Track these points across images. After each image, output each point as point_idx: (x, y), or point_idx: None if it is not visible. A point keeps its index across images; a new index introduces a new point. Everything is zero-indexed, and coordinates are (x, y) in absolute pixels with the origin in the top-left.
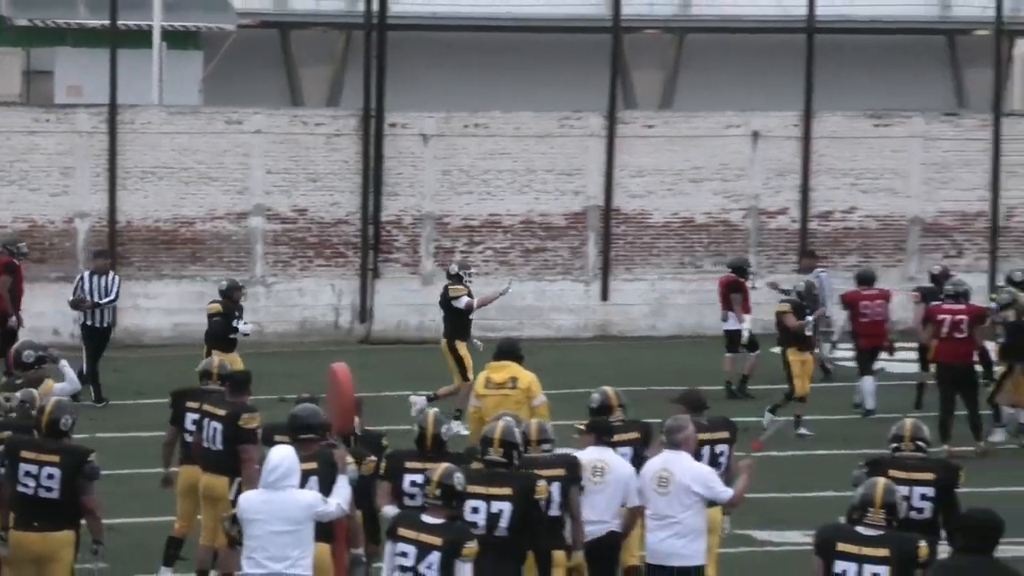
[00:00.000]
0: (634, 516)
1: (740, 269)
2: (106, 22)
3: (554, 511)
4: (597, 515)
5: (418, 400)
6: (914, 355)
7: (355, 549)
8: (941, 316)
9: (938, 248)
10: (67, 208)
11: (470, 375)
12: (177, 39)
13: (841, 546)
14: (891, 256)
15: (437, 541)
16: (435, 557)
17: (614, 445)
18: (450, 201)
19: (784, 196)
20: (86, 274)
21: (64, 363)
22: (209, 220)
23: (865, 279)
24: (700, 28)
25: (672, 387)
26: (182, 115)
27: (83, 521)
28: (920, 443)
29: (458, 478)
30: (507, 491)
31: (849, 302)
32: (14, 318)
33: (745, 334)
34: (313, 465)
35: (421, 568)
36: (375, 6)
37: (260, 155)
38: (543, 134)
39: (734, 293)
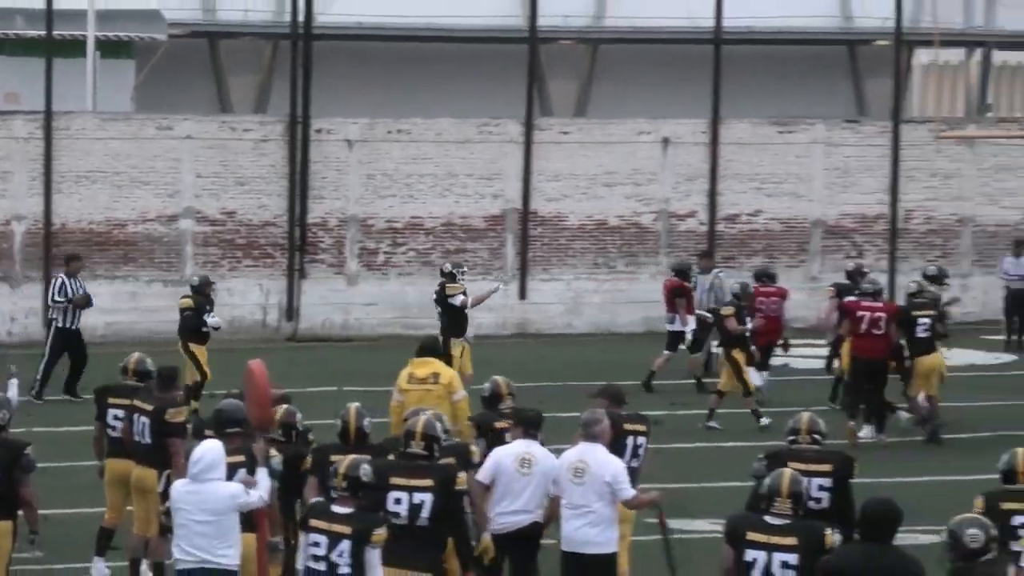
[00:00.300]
0: (554, 505)
1: (684, 273)
2: (42, 32)
3: None
4: (522, 505)
5: None
6: (814, 351)
7: (273, 537)
8: (860, 313)
9: (839, 249)
10: (4, 211)
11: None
12: (110, 49)
13: (751, 535)
14: (795, 257)
15: (346, 530)
16: (345, 545)
17: (499, 432)
18: (374, 204)
19: (693, 200)
20: (64, 277)
21: (14, 381)
22: (141, 222)
23: (762, 277)
24: (613, 39)
25: (588, 382)
26: (115, 121)
27: (20, 512)
28: (816, 436)
29: (364, 469)
30: (428, 482)
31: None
32: None
33: (688, 335)
34: (241, 458)
35: (333, 556)
36: (301, 17)
37: (190, 160)
38: (463, 140)
39: (679, 297)
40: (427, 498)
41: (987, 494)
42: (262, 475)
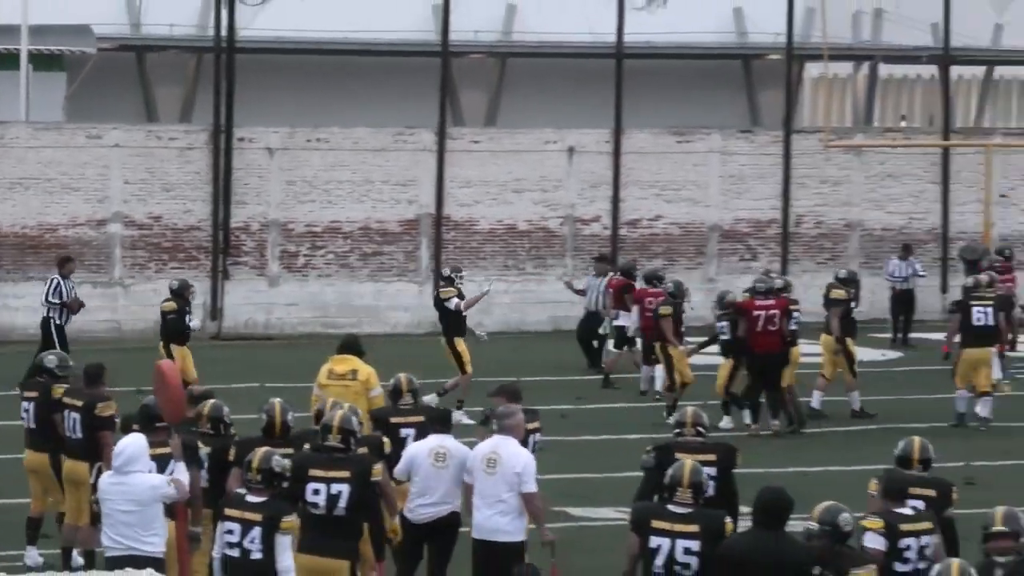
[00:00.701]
0: (468, 493)
1: (629, 272)
2: None
3: None
4: (439, 497)
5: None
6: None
7: (195, 527)
8: (756, 312)
9: (735, 252)
10: None
11: (468, 368)
12: (42, 62)
13: (655, 523)
14: (693, 260)
15: (257, 517)
16: (256, 532)
17: (398, 426)
18: (294, 209)
19: (597, 205)
20: (59, 278)
21: None
22: (72, 227)
23: (651, 279)
24: (521, 53)
25: (499, 378)
26: (47, 131)
27: None
28: (700, 428)
29: (276, 461)
30: (346, 474)
31: (636, 299)
32: None
33: (631, 331)
34: (167, 450)
35: (245, 543)
36: (224, 31)
37: (118, 167)
38: (379, 148)
39: (626, 294)
40: (344, 489)
41: (884, 476)
42: (180, 469)
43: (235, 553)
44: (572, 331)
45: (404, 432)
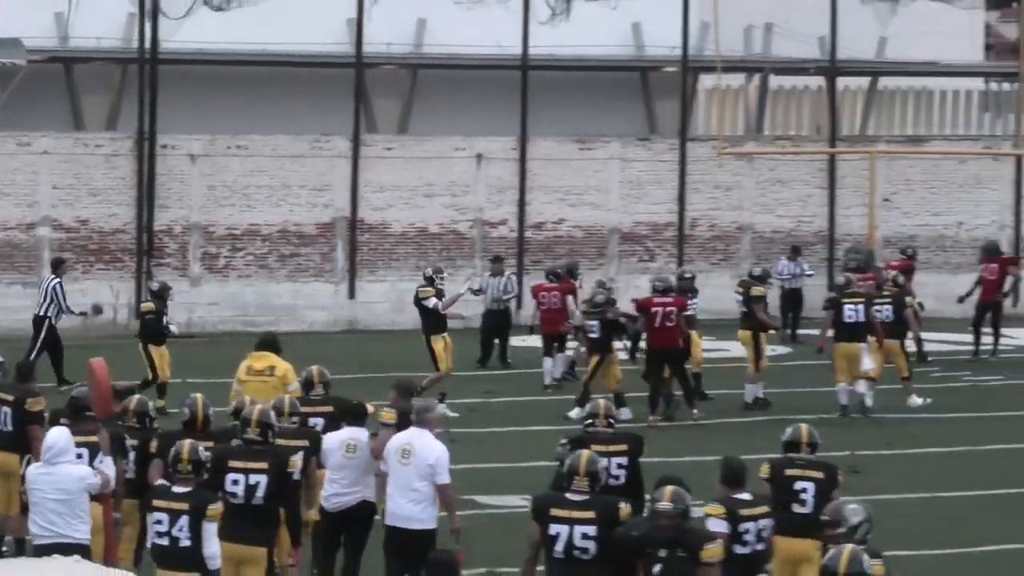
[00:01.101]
0: (382, 482)
1: (571, 273)
2: None
3: (297, 476)
4: (348, 485)
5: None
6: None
7: (116, 513)
8: (655, 309)
9: (634, 254)
10: None
11: (442, 365)
12: None
13: (554, 511)
14: (594, 260)
15: (184, 506)
16: (184, 520)
17: (307, 416)
18: (215, 213)
19: (504, 209)
20: (59, 279)
21: None
22: (2, 230)
23: (549, 275)
24: (431, 65)
25: (411, 373)
26: None
27: None
28: (610, 420)
29: (202, 452)
30: (263, 465)
31: (533, 294)
32: None
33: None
34: (93, 439)
35: (174, 531)
36: (148, 43)
37: (47, 173)
38: (296, 154)
39: (569, 294)
40: (262, 479)
41: (772, 461)
42: (107, 462)
43: (164, 542)
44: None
45: (313, 421)
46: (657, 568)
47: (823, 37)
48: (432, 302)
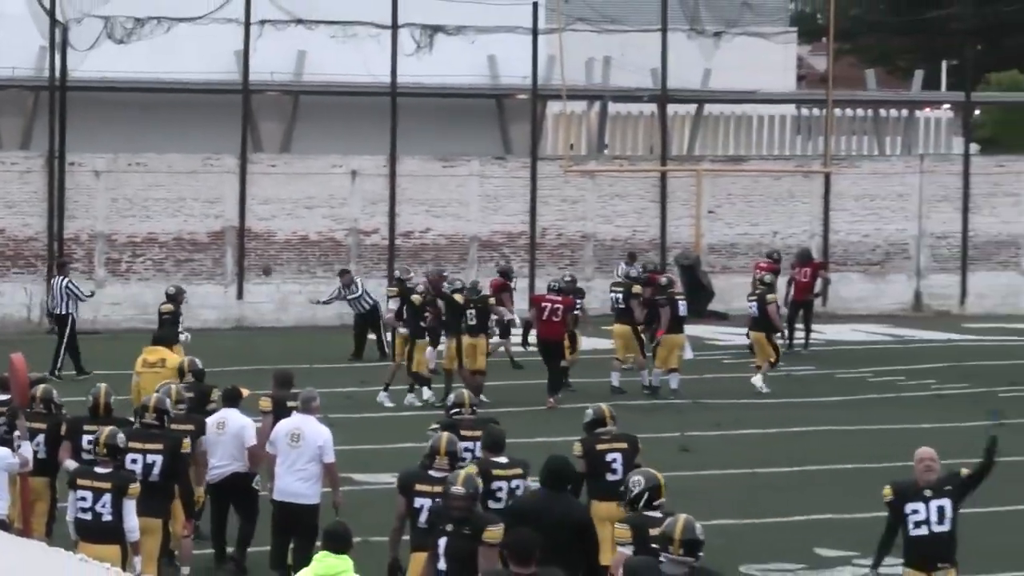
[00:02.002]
0: (257, 458)
1: (506, 274)
2: None
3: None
4: (218, 460)
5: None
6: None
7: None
8: (544, 304)
9: (491, 259)
10: None
11: (397, 358)
12: None
13: (418, 486)
14: (457, 265)
15: (107, 486)
16: (107, 498)
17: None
18: (117, 223)
19: (376, 219)
20: (69, 279)
21: None
22: None
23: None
24: (310, 91)
25: (294, 365)
26: None
27: None
28: (474, 408)
29: (120, 437)
30: (159, 446)
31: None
32: None
33: (518, 323)
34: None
35: (97, 508)
36: (58, 72)
37: None
38: (190, 171)
39: (503, 292)
40: (158, 459)
41: (582, 440)
42: (25, 446)
43: (87, 516)
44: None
45: (180, 407)
46: (443, 540)
47: (655, 69)
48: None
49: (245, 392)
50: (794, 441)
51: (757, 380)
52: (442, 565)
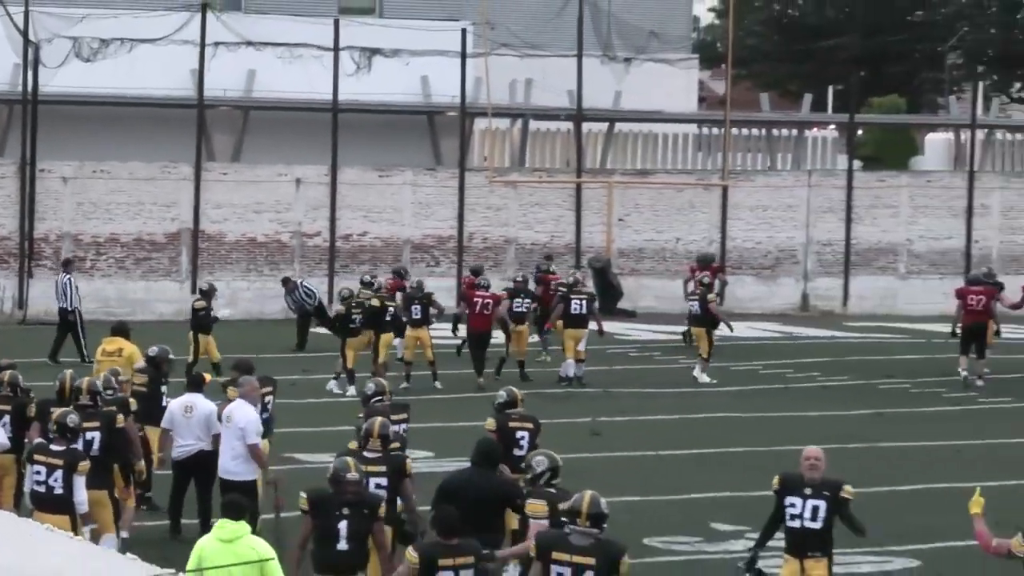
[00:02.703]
0: (216, 441)
1: (400, 274)
2: None
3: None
4: (184, 440)
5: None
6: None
7: None
8: (476, 299)
9: (423, 260)
10: None
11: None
12: None
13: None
14: (391, 265)
15: (60, 462)
16: (59, 473)
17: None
18: (83, 224)
19: (319, 223)
20: (71, 276)
21: None
22: None
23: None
24: (259, 107)
25: (242, 355)
26: None
27: None
28: (391, 395)
29: (71, 418)
30: (96, 424)
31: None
32: None
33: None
34: None
35: (50, 481)
36: (30, 88)
37: None
38: (149, 177)
39: (400, 291)
40: (96, 435)
41: (496, 417)
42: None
43: (42, 489)
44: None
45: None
46: (343, 524)
47: (571, 90)
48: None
49: (208, 378)
50: (692, 427)
51: (698, 373)
52: (343, 545)
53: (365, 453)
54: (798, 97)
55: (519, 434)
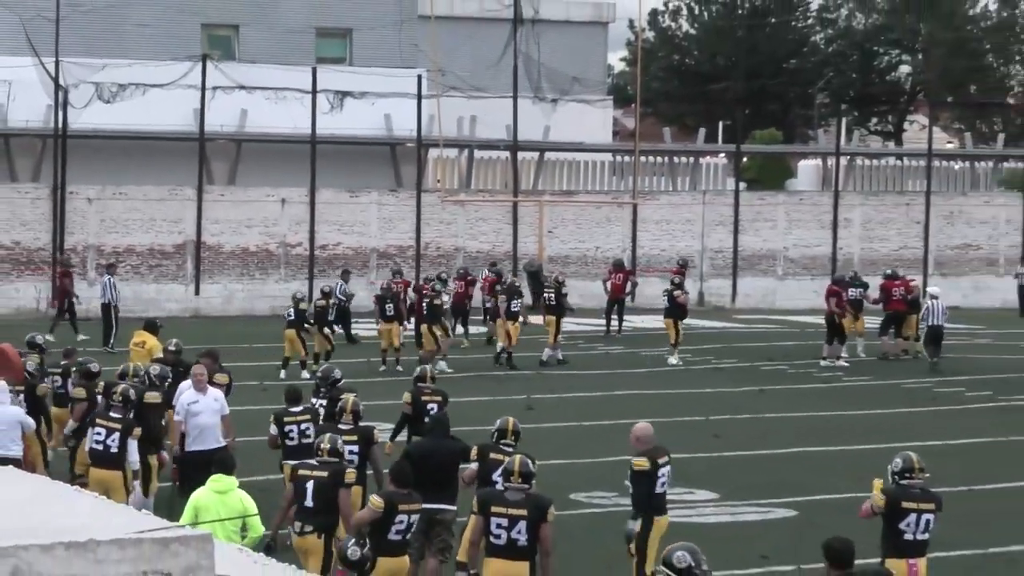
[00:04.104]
0: (177, 428)
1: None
2: None
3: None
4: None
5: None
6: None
7: None
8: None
9: (386, 266)
10: None
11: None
12: None
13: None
14: (360, 271)
15: (118, 426)
16: (116, 435)
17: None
18: (105, 237)
19: (300, 236)
20: (111, 277)
21: None
22: None
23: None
24: (250, 140)
25: (236, 345)
26: None
27: None
28: (339, 384)
29: (132, 392)
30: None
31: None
32: None
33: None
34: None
35: (108, 441)
36: (60, 124)
37: None
38: (159, 199)
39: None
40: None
41: (411, 390)
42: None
43: (100, 447)
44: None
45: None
46: (310, 485)
47: (508, 125)
48: (443, 298)
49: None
50: (610, 402)
51: (671, 358)
52: (309, 502)
53: (340, 425)
54: (694, 130)
55: (430, 405)
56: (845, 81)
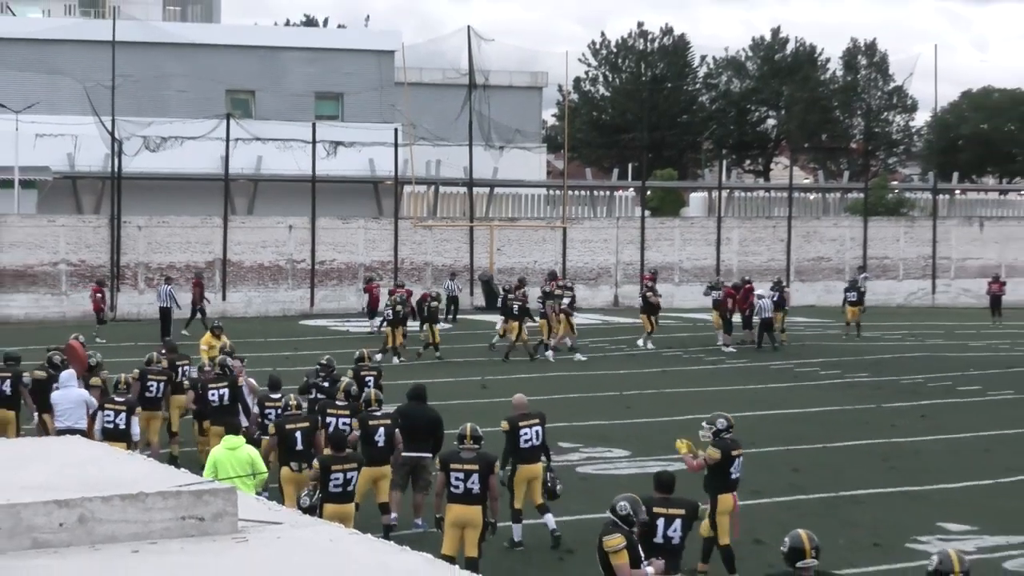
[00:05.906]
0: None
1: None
2: None
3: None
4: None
5: None
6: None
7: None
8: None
9: (371, 279)
10: None
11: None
12: (25, 184)
13: (329, 410)
14: (351, 281)
15: (124, 408)
16: (123, 414)
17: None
18: (151, 256)
19: (303, 254)
20: (170, 288)
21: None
22: (39, 266)
23: (370, 279)
24: (265, 179)
25: (251, 340)
26: (30, 217)
27: None
28: (334, 371)
29: (130, 379)
30: (225, 384)
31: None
32: None
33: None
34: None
35: (116, 420)
36: (116, 168)
37: (64, 236)
38: (193, 226)
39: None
40: (225, 392)
41: (352, 369)
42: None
43: (111, 426)
44: (294, 317)
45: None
46: (298, 435)
47: (465, 167)
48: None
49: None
50: (548, 381)
51: (642, 342)
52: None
53: (336, 402)
54: (609, 171)
55: (368, 379)
56: (725, 132)
